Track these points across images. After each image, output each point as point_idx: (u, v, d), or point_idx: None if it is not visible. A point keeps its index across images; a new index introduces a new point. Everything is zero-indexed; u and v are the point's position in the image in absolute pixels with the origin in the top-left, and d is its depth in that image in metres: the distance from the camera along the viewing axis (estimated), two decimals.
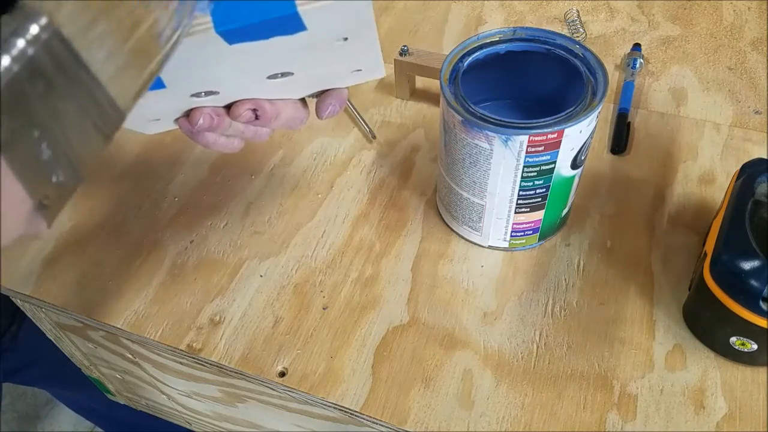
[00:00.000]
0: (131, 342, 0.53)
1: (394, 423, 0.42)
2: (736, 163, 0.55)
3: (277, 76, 0.37)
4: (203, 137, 0.39)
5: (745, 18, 0.71)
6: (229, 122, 0.38)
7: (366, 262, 0.51)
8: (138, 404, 0.71)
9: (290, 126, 0.41)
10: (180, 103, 0.37)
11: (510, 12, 0.74)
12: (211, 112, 0.37)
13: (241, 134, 0.40)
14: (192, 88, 0.36)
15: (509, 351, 0.45)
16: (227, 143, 0.40)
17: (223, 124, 0.38)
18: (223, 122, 0.38)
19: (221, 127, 0.38)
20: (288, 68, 0.36)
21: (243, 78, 0.36)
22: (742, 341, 0.41)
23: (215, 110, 0.38)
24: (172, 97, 0.36)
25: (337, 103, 0.41)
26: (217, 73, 0.35)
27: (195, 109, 0.38)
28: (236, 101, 0.38)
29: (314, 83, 0.40)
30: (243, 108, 0.38)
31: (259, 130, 0.41)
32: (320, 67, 0.37)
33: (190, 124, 0.38)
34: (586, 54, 0.46)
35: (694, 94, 0.63)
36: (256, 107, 0.38)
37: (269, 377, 0.45)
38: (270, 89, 0.38)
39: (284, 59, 0.35)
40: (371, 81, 0.66)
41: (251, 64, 0.35)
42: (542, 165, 0.43)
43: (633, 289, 0.48)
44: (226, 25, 0.32)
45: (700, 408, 0.42)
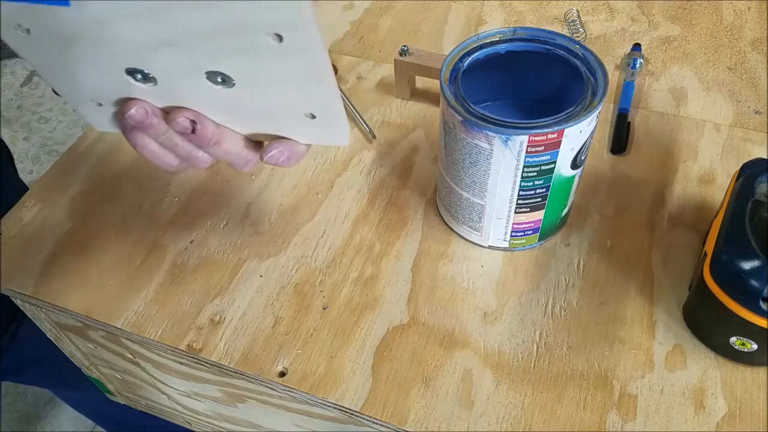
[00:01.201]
0: (131, 342, 0.53)
1: (394, 423, 0.42)
2: (736, 163, 0.55)
3: (216, 79, 0.34)
4: (134, 136, 0.37)
5: (745, 18, 0.71)
6: (165, 128, 0.36)
7: (366, 262, 0.51)
8: (138, 404, 0.71)
9: (232, 162, 0.38)
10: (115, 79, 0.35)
11: (510, 12, 0.74)
12: (147, 107, 0.35)
13: (175, 148, 0.38)
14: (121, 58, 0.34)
15: (509, 351, 0.45)
16: (159, 153, 0.38)
17: (157, 126, 0.36)
18: (156, 124, 0.36)
19: (154, 129, 0.36)
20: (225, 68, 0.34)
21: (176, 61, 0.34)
22: (742, 341, 0.41)
23: (152, 108, 0.36)
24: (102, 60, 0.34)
25: (286, 151, 0.37)
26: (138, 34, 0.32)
27: (132, 99, 0.36)
28: (177, 107, 0.36)
29: (263, 120, 0.38)
30: (180, 114, 0.35)
31: (194, 151, 0.38)
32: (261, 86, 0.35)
33: (122, 112, 0.36)
34: (586, 54, 0.46)
35: (694, 94, 0.63)
36: (196, 120, 0.36)
37: (269, 377, 0.45)
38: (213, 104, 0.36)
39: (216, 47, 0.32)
40: (372, 80, 0.66)
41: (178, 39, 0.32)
42: (542, 165, 0.43)
43: (633, 288, 0.48)
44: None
45: (700, 408, 0.42)
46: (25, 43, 0.35)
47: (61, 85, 0.38)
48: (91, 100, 0.38)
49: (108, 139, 0.62)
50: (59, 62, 0.36)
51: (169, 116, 0.36)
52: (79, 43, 0.34)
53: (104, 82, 0.37)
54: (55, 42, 0.34)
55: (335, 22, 0.74)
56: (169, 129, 0.36)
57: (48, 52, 0.35)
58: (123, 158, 0.60)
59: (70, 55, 0.35)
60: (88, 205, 0.57)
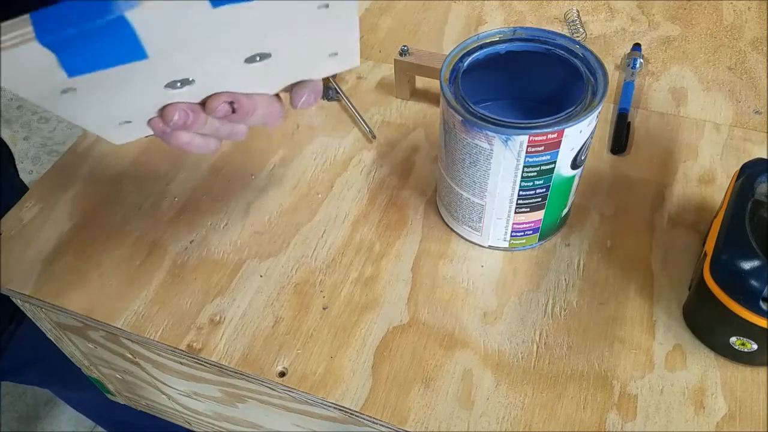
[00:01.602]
0: (131, 342, 0.53)
1: (394, 423, 0.42)
2: (736, 163, 0.55)
3: (255, 59, 0.35)
4: (177, 137, 0.37)
5: (745, 18, 0.71)
6: (205, 119, 0.37)
7: (366, 262, 0.51)
8: (138, 404, 0.71)
9: (266, 122, 0.40)
10: (154, 96, 0.36)
11: (510, 12, 0.74)
12: (186, 108, 0.35)
13: (217, 132, 0.39)
14: (168, 74, 0.34)
15: (509, 351, 0.45)
16: (202, 143, 0.38)
17: (199, 120, 0.36)
18: (198, 119, 0.36)
19: (197, 125, 0.36)
20: (266, 47, 0.35)
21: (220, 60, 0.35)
22: (742, 341, 0.41)
23: (190, 106, 0.36)
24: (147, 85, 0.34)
25: (312, 94, 0.39)
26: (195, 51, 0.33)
27: (169, 105, 0.36)
28: (211, 95, 0.37)
29: (289, 72, 0.39)
30: (219, 101, 0.36)
31: (235, 127, 0.39)
32: (297, 47, 0.36)
33: (164, 121, 0.36)
34: (586, 54, 0.46)
35: (694, 94, 0.63)
36: (233, 100, 0.36)
37: (269, 377, 0.45)
38: (246, 80, 0.37)
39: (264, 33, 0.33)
40: (372, 80, 0.66)
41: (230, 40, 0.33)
42: (542, 165, 0.43)
43: (633, 288, 0.48)
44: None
45: (700, 408, 0.42)
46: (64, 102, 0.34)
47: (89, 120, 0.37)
48: (121, 122, 0.38)
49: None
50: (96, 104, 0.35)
51: (207, 107, 0.36)
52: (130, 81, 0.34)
53: (141, 103, 0.37)
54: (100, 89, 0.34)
55: None
56: (209, 118, 0.37)
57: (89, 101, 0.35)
58: (123, 158, 0.60)
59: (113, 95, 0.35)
60: (88, 205, 0.57)
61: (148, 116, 0.38)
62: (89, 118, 0.37)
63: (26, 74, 0.32)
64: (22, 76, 0.32)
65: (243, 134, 0.40)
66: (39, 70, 0.32)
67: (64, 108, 0.35)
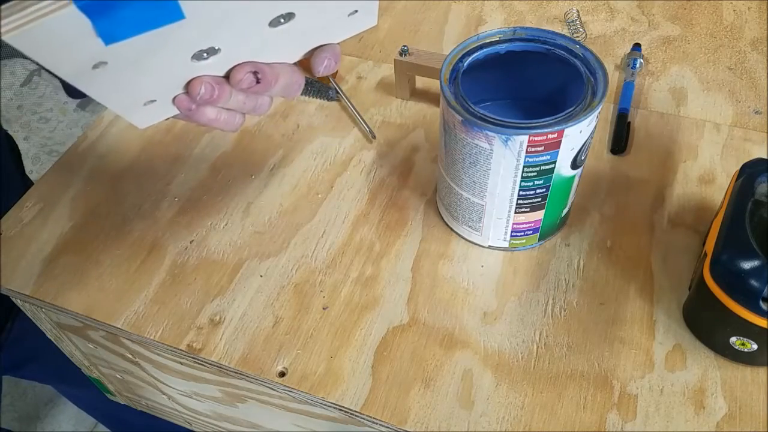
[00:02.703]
0: (131, 342, 0.53)
1: (394, 423, 0.42)
2: (736, 163, 0.55)
3: (279, 22, 0.35)
4: (204, 113, 0.38)
5: (745, 18, 0.71)
6: (230, 92, 0.37)
7: (366, 262, 0.51)
8: (138, 404, 0.71)
9: (287, 92, 0.40)
10: (181, 69, 0.36)
11: (510, 12, 0.74)
12: (212, 81, 0.36)
13: (242, 106, 0.39)
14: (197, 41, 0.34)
15: (509, 351, 0.45)
16: (228, 119, 0.39)
17: (225, 94, 0.36)
18: (224, 92, 0.36)
19: (222, 98, 0.37)
20: (291, 6, 0.34)
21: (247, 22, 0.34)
22: (742, 341, 0.41)
23: (215, 79, 0.36)
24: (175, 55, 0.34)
25: (333, 58, 0.39)
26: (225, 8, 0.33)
27: (194, 79, 0.36)
28: (235, 67, 0.37)
29: (311, 36, 0.39)
30: (243, 72, 0.36)
31: (259, 99, 0.39)
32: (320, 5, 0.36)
33: (190, 96, 0.36)
34: (586, 54, 0.46)
35: (694, 94, 0.63)
36: (257, 70, 0.37)
37: (269, 377, 0.45)
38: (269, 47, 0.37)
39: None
40: (372, 80, 0.66)
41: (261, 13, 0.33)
42: (542, 165, 0.43)
43: (633, 289, 0.48)
44: None
45: (700, 408, 0.42)
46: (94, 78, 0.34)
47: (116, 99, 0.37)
48: (146, 102, 0.38)
49: (108, 139, 0.62)
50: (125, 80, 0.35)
51: (232, 78, 0.36)
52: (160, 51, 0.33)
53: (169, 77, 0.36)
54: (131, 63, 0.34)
55: None
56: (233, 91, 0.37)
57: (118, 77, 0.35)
58: (123, 158, 0.61)
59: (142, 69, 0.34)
60: (88, 205, 0.57)
61: (174, 93, 0.37)
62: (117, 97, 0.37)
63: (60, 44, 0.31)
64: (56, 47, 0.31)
65: (267, 107, 0.40)
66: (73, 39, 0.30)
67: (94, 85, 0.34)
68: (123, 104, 0.38)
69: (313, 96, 0.65)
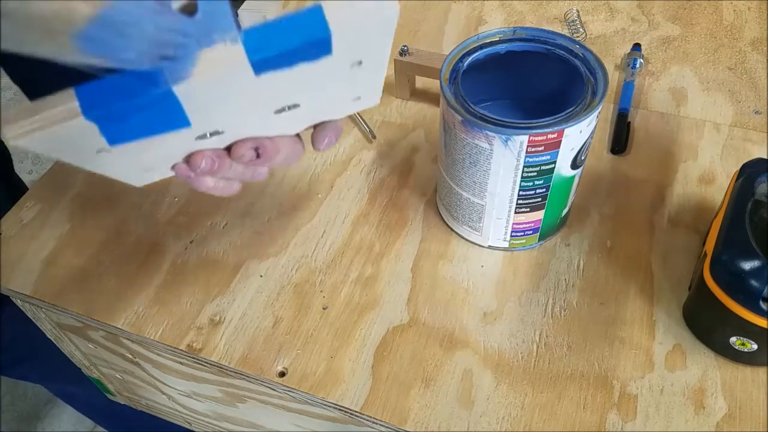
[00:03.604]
0: (131, 342, 0.53)
1: (394, 423, 0.42)
2: (736, 163, 0.55)
3: (284, 110, 0.36)
4: (202, 182, 0.38)
5: (745, 18, 0.71)
6: (230, 164, 0.37)
7: (366, 262, 0.51)
8: (138, 404, 0.71)
9: (288, 162, 0.40)
10: (183, 146, 0.36)
11: (510, 12, 0.74)
12: (212, 155, 0.36)
13: (241, 176, 0.39)
14: (202, 129, 0.35)
15: (509, 351, 0.45)
16: (226, 187, 0.39)
17: (225, 166, 0.37)
18: (224, 164, 0.37)
19: (222, 170, 0.37)
20: (297, 100, 0.35)
21: (252, 114, 0.35)
22: (742, 341, 0.41)
23: (216, 152, 0.36)
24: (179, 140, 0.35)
25: (334, 135, 0.40)
26: (231, 109, 0.34)
27: (195, 152, 0.36)
28: (236, 141, 0.37)
29: (314, 115, 0.39)
30: (245, 147, 0.36)
31: (258, 169, 0.40)
32: (326, 96, 0.37)
33: (191, 168, 0.36)
34: (586, 54, 0.46)
35: (694, 94, 0.63)
36: (258, 145, 0.37)
37: (269, 377, 0.45)
38: (272, 125, 0.37)
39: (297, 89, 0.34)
40: None
41: (265, 97, 0.34)
42: (542, 165, 0.43)
43: (633, 289, 0.48)
44: (261, 53, 0.31)
45: (700, 408, 0.42)
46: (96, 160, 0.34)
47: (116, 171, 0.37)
48: (146, 169, 0.38)
49: None
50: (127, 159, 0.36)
51: (233, 153, 0.37)
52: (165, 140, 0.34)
53: (170, 153, 0.37)
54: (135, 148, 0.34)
55: None
56: (233, 162, 0.37)
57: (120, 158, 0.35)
58: None
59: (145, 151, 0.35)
60: (88, 205, 0.57)
61: (174, 162, 0.38)
62: (117, 170, 0.37)
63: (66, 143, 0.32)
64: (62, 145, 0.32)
65: (264, 175, 0.41)
66: (79, 139, 0.32)
67: (94, 164, 0.35)
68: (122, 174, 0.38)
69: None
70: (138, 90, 0.31)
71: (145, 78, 0.31)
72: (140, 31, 0.29)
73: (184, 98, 0.32)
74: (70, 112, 0.31)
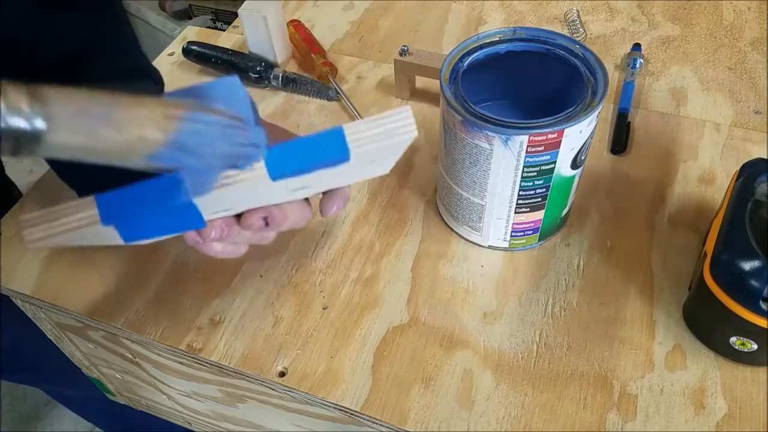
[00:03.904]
0: (131, 342, 0.53)
1: (394, 423, 0.42)
2: (736, 163, 0.55)
3: (296, 190, 0.37)
4: (211, 248, 0.38)
5: (745, 18, 0.71)
6: (239, 231, 0.37)
7: (366, 262, 0.51)
8: (138, 404, 0.71)
9: (295, 226, 0.40)
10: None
11: (510, 12, 0.74)
12: (222, 224, 0.36)
13: (248, 241, 0.40)
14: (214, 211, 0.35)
15: (509, 351, 0.45)
16: (234, 250, 0.40)
17: (234, 234, 0.37)
18: (233, 232, 0.37)
19: (231, 237, 0.37)
20: (310, 184, 0.36)
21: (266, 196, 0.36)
22: (742, 341, 0.41)
23: (225, 221, 0.36)
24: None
25: (342, 202, 0.41)
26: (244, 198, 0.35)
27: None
28: (246, 212, 0.37)
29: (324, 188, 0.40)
30: (254, 217, 0.37)
31: (265, 234, 0.40)
32: (339, 179, 0.38)
33: (200, 236, 0.37)
34: (586, 54, 0.46)
35: (694, 94, 0.63)
36: (267, 215, 0.37)
37: (269, 377, 0.45)
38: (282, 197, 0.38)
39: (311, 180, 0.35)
40: (372, 80, 0.66)
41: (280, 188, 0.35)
42: (542, 165, 0.43)
43: (633, 289, 0.48)
44: (280, 171, 0.32)
45: (700, 408, 0.42)
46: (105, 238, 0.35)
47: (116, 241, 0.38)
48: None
49: None
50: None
51: (243, 222, 0.37)
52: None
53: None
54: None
55: (335, 22, 0.74)
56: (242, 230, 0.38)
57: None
58: None
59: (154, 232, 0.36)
60: None
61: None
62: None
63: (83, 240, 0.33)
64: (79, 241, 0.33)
65: (272, 239, 0.41)
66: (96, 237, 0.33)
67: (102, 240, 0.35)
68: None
69: (313, 96, 0.65)
70: (159, 201, 0.32)
71: (167, 191, 0.32)
72: (212, 149, 0.30)
73: (202, 204, 0.33)
74: (90, 219, 0.32)
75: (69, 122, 0.24)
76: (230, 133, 0.30)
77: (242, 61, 0.66)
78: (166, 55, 0.72)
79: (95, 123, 0.25)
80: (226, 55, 0.67)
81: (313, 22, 0.74)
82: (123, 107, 0.26)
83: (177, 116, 0.28)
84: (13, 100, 0.23)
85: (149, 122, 0.27)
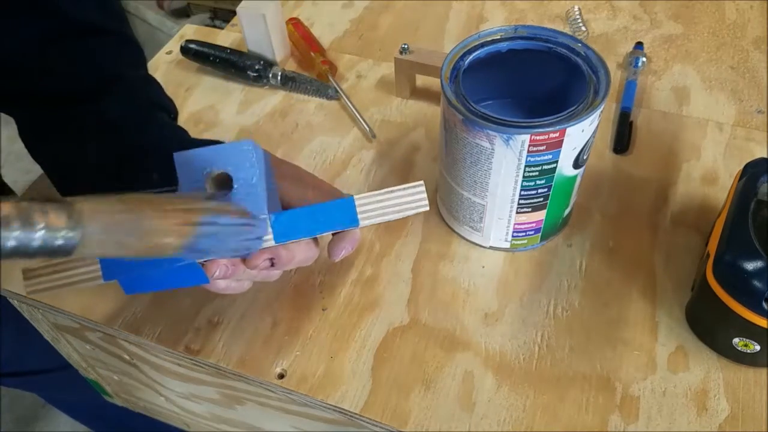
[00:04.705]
0: (129, 343, 0.52)
1: (395, 425, 0.42)
2: (738, 163, 0.55)
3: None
4: (215, 284, 0.38)
5: (747, 17, 0.70)
6: (243, 269, 0.37)
7: (366, 262, 0.50)
8: (135, 406, 0.71)
9: (301, 265, 0.40)
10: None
11: (511, 10, 0.73)
12: (228, 263, 0.36)
13: (253, 278, 0.40)
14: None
15: (510, 352, 0.45)
16: (237, 286, 0.40)
17: (239, 272, 0.37)
18: (237, 270, 0.37)
19: (236, 275, 0.37)
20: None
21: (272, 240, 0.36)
22: (745, 342, 0.41)
23: (230, 260, 0.36)
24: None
25: (350, 246, 0.41)
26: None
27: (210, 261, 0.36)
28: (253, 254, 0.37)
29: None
30: (260, 259, 0.37)
31: (270, 272, 0.40)
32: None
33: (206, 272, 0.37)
34: (588, 52, 0.45)
35: (696, 93, 0.62)
36: (273, 256, 0.37)
37: (268, 379, 0.44)
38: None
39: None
40: (372, 79, 0.66)
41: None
42: (544, 164, 0.43)
43: (635, 289, 0.47)
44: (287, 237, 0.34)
45: (703, 409, 0.41)
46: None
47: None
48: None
49: None
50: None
51: (249, 263, 0.37)
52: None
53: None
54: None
55: (335, 20, 0.74)
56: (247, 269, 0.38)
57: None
58: None
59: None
60: None
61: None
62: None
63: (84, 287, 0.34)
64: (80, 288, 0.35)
65: (277, 277, 0.41)
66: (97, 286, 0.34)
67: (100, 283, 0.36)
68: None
69: (312, 95, 0.65)
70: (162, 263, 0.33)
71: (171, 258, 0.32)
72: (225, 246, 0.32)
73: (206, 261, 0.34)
74: (92, 275, 0.33)
75: (99, 236, 0.26)
76: (241, 231, 0.32)
77: (241, 60, 0.66)
78: (164, 53, 0.71)
79: (122, 236, 0.27)
80: (224, 53, 0.66)
81: (313, 20, 0.74)
82: (149, 219, 0.28)
83: (196, 221, 0.30)
84: (52, 220, 0.24)
85: (171, 232, 0.29)
